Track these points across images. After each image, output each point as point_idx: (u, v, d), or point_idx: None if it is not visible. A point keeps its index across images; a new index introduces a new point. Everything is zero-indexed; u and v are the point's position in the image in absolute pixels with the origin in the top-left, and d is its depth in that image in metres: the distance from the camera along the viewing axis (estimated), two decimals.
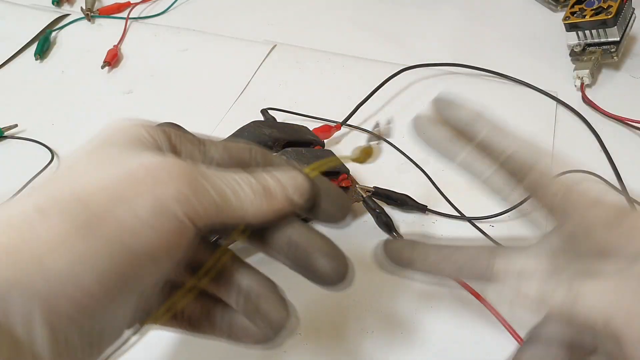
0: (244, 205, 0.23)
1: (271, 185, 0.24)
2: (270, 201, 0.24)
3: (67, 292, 0.19)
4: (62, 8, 0.70)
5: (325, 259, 0.25)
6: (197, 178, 0.22)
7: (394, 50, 0.61)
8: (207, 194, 0.22)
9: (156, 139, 0.23)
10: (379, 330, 0.38)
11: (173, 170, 0.21)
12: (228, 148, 0.26)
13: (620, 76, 0.56)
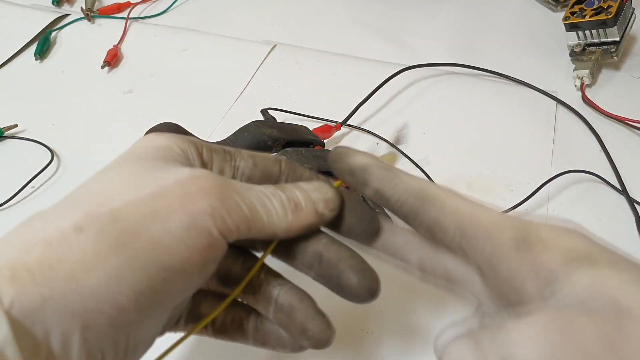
0: (274, 221, 0.23)
1: (300, 200, 0.24)
2: (299, 216, 0.24)
3: (101, 308, 0.19)
4: (62, 8, 0.70)
5: (356, 276, 0.25)
6: (229, 192, 0.22)
7: (394, 50, 0.61)
8: (238, 208, 0.22)
9: (186, 153, 0.24)
10: (379, 330, 0.38)
11: (205, 184, 0.22)
12: (256, 161, 0.26)
13: (620, 76, 0.56)
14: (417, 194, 0.24)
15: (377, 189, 0.25)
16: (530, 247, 0.21)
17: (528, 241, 0.21)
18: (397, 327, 0.38)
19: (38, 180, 0.48)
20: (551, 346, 0.19)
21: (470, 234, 0.22)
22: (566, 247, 0.21)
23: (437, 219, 0.23)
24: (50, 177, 0.49)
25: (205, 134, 0.51)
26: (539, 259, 0.21)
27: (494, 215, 0.22)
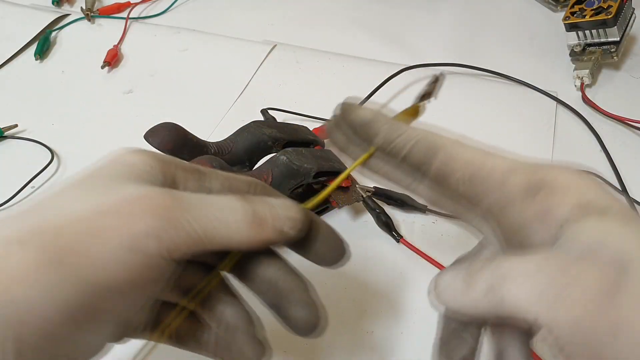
0: (230, 232, 0.22)
1: (262, 213, 0.23)
2: (259, 229, 0.23)
3: (35, 322, 0.19)
4: (62, 8, 0.70)
5: (303, 311, 0.24)
6: (178, 210, 0.21)
7: (394, 50, 0.61)
8: (188, 227, 0.21)
9: (153, 171, 0.23)
10: (379, 330, 0.38)
11: (152, 203, 0.21)
12: (231, 183, 0.25)
13: (620, 76, 0.56)
14: (425, 143, 0.23)
15: (385, 140, 0.24)
16: (539, 192, 0.20)
17: (539, 186, 0.20)
18: (398, 327, 0.38)
19: (38, 180, 0.48)
20: (545, 284, 0.18)
21: (478, 180, 0.22)
22: (577, 194, 0.20)
23: (446, 166, 0.22)
24: (50, 177, 0.49)
25: (205, 134, 0.51)
26: (548, 205, 0.20)
27: (503, 161, 0.22)
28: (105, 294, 0.20)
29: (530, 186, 0.21)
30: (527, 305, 0.18)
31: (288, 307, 0.24)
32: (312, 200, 0.26)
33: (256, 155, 0.42)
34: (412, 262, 0.41)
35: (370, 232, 0.43)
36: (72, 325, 0.20)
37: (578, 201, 0.20)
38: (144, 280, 0.21)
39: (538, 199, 0.20)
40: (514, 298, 0.19)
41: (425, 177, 0.23)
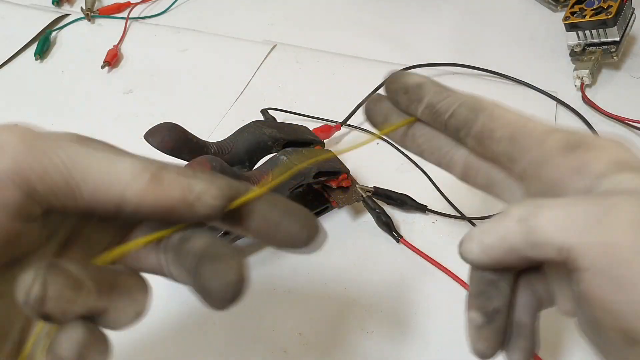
0: (116, 184, 0.19)
1: (167, 175, 0.19)
2: (159, 187, 0.19)
3: None
4: (62, 8, 0.70)
5: (213, 267, 0.19)
6: (41, 137, 0.19)
7: (394, 50, 0.61)
8: (48, 156, 0.18)
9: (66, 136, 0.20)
10: (379, 330, 0.38)
11: (6, 126, 0.18)
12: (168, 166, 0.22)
13: (620, 76, 0.56)
14: (469, 104, 0.24)
15: (430, 102, 0.25)
16: (578, 149, 0.21)
17: (577, 144, 0.21)
18: (398, 327, 0.38)
19: None
20: (578, 212, 0.19)
21: (519, 139, 0.22)
22: (614, 153, 0.21)
23: (488, 125, 0.23)
24: None
25: (205, 134, 0.51)
26: (585, 159, 0.21)
27: (543, 124, 0.23)
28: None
29: (569, 144, 0.21)
30: (558, 233, 0.19)
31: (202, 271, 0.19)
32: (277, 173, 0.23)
33: (256, 155, 0.42)
34: (412, 262, 0.41)
35: (370, 232, 0.43)
36: None
37: (615, 158, 0.20)
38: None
39: (576, 155, 0.21)
40: (546, 226, 0.19)
41: (467, 136, 0.24)
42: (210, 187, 0.20)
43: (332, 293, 0.40)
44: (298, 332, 0.38)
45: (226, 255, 0.19)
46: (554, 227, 0.19)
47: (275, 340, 0.38)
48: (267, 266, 0.42)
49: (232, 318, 0.39)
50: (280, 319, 0.39)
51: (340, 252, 0.42)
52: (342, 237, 0.43)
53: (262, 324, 0.38)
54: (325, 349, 0.37)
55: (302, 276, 0.41)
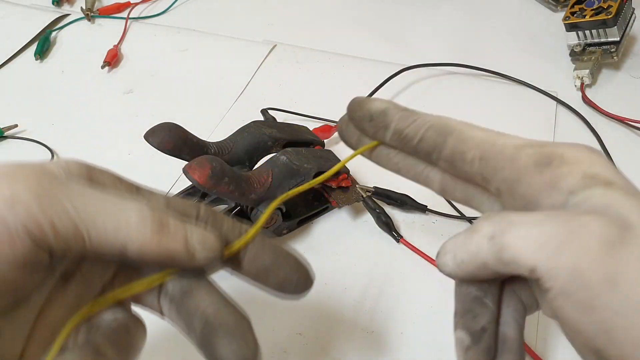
0: (122, 232, 0.19)
1: (170, 224, 0.20)
2: (165, 239, 0.20)
3: None
4: (62, 8, 0.70)
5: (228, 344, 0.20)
6: (53, 186, 0.19)
7: (394, 50, 0.61)
8: (64, 207, 0.19)
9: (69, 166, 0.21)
10: (379, 330, 0.38)
11: (17, 172, 0.19)
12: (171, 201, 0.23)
13: (620, 76, 0.56)
14: (436, 128, 0.24)
15: (397, 128, 0.24)
16: (550, 164, 0.21)
17: (548, 158, 0.21)
18: (398, 327, 0.38)
19: None
20: (547, 233, 0.19)
21: (490, 157, 0.22)
22: (585, 166, 0.21)
23: (458, 148, 0.23)
24: None
25: (205, 134, 0.51)
26: (558, 175, 0.21)
27: (513, 139, 0.22)
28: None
29: (540, 159, 0.21)
30: (527, 254, 0.19)
31: (216, 343, 0.20)
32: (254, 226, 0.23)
33: (256, 155, 0.42)
34: (412, 262, 0.41)
35: (370, 232, 0.43)
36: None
37: (586, 172, 0.20)
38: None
39: (548, 170, 0.21)
40: (515, 245, 0.19)
41: (438, 159, 0.24)
42: (209, 237, 0.21)
43: (332, 293, 0.40)
44: (298, 332, 0.38)
45: (238, 328, 0.20)
46: (523, 247, 0.19)
47: (275, 340, 0.38)
48: None
49: None
50: (280, 319, 0.39)
51: (340, 252, 0.42)
52: (342, 237, 0.43)
53: (262, 324, 0.38)
54: (325, 349, 0.37)
55: None
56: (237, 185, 0.36)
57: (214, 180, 0.35)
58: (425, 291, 0.40)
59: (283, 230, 0.43)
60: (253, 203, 0.38)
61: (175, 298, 0.22)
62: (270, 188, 0.38)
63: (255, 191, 0.37)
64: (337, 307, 0.39)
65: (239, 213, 0.40)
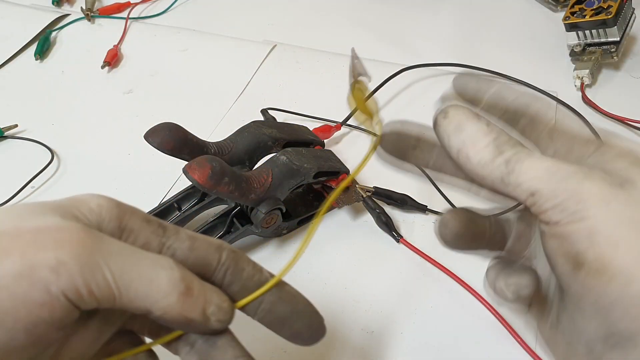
0: (152, 295, 0.21)
1: (194, 285, 0.22)
2: (187, 302, 0.21)
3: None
4: (62, 8, 0.70)
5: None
6: (93, 252, 0.19)
7: (394, 50, 0.61)
8: (99, 270, 0.19)
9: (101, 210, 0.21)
10: (379, 330, 0.38)
11: (64, 236, 0.19)
12: (195, 245, 0.23)
13: (620, 76, 0.56)
14: (531, 95, 0.25)
15: (496, 93, 0.25)
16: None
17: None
18: (398, 327, 0.38)
19: (38, 180, 0.48)
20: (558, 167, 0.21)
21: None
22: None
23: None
24: (50, 177, 0.49)
25: (205, 134, 0.51)
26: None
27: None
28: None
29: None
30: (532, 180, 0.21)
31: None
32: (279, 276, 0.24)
33: (256, 155, 0.42)
34: (412, 262, 0.41)
35: (370, 232, 0.43)
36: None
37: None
38: (35, 320, 0.19)
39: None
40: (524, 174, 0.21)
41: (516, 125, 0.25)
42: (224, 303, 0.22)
43: (332, 293, 0.40)
44: None
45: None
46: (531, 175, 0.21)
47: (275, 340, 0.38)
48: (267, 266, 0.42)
49: None
50: None
51: (340, 252, 0.42)
52: (342, 237, 0.43)
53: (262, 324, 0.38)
54: (325, 349, 0.37)
55: (302, 276, 0.41)
56: (237, 185, 0.36)
57: (214, 180, 0.35)
58: (425, 291, 0.40)
59: (283, 230, 0.43)
60: (253, 203, 0.38)
61: (198, 345, 0.23)
62: (270, 188, 0.38)
63: (255, 191, 0.37)
64: (337, 307, 0.39)
65: (239, 213, 0.40)
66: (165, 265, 0.21)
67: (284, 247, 0.43)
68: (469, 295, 0.39)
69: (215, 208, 0.42)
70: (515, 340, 0.36)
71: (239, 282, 0.24)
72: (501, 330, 0.37)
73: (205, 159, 0.35)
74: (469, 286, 0.39)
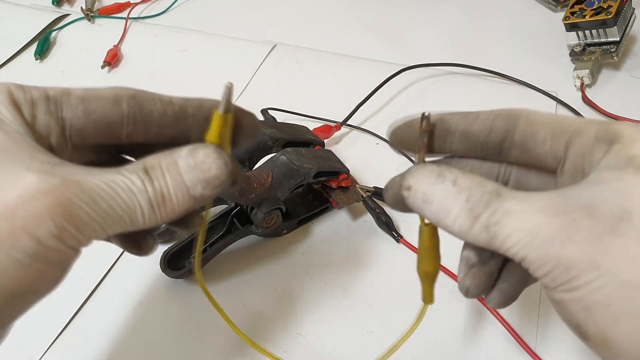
0: (138, 218, 0.22)
1: (170, 191, 0.22)
2: (169, 210, 0.22)
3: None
4: (62, 8, 0.70)
5: None
6: (74, 203, 0.20)
7: (394, 50, 0.61)
8: (86, 217, 0.20)
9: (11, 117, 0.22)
10: (379, 330, 0.38)
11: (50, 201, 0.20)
12: (89, 107, 0.23)
13: (620, 76, 0.56)
14: (503, 115, 0.24)
15: (463, 130, 0.24)
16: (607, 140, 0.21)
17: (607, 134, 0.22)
18: (398, 327, 0.38)
19: None
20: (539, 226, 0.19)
21: (561, 133, 0.23)
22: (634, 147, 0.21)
23: (529, 129, 0.23)
24: None
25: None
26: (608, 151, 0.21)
27: (576, 118, 0.23)
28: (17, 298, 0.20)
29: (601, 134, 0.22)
30: (517, 246, 0.20)
31: None
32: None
33: (256, 155, 0.42)
34: (412, 262, 0.41)
35: (370, 232, 0.43)
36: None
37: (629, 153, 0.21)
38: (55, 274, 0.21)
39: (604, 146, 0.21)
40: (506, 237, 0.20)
41: (510, 147, 0.24)
42: (210, 166, 0.22)
43: (332, 293, 0.40)
44: (298, 332, 0.38)
45: None
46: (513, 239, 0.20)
47: (275, 340, 0.38)
48: (267, 266, 0.42)
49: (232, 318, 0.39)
50: (280, 319, 0.39)
51: (340, 252, 0.42)
52: (342, 237, 0.43)
53: (262, 324, 0.38)
54: (325, 349, 0.37)
55: (302, 276, 0.41)
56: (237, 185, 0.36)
57: None
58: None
59: (283, 230, 0.43)
60: (253, 203, 0.38)
61: None
62: (270, 188, 0.38)
63: (255, 191, 0.37)
64: (337, 307, 0.39)
65: (239, 213, 0.40)
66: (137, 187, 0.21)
67: (284, 247, 0.43)
68: None
69: (215, 208, 0.42)
70: (515, 340, 0.36)
71: (154, 126, 0.24)
72: (501, 330, 0.37)
73: None
74: None
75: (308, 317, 0.39)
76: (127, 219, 0.21)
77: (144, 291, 0.40)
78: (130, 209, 0.21)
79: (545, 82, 0.55)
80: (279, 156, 0.40)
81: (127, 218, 0.21)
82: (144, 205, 0.21)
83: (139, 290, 0.40)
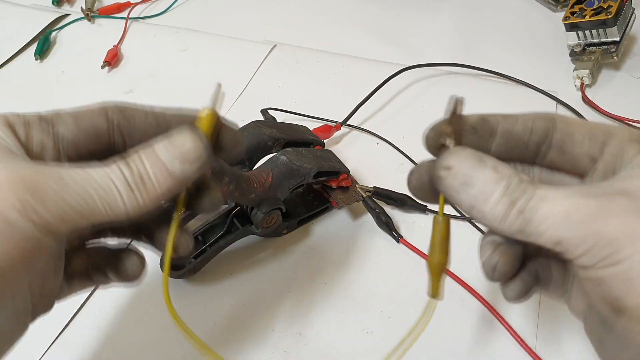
0: (119, 205, 0.22)
1: (148, 171, 0.22)
2: (150, 191, 0.22)
3: None
4: (62, 8, 0.70)
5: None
6: (45, 182, 0.20)
7: (394, 50, 0.61)
8: (58, 199, 0.20)
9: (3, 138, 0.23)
10: (378, 330, 0.38)
11: (13, 176, 0.20)
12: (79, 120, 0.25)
13: (620, 76, 0.56)
14: (542, 117, 0.24)
15: (504, 129, 0.25)
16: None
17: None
18: (398, 327, 0.38)
19: None
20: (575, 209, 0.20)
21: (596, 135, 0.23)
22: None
23: (567, 130, 0.24)
24: None
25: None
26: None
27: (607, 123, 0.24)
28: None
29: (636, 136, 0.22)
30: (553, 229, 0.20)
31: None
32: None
33: (256, 155, 0.42)
34: (412, 262, 0.41)
35: (370, 232, 0.43)
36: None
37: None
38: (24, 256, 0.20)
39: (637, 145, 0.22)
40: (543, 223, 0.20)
41: (549, 147, 0.24)
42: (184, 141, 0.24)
43: (332, 293, 0.40)
44: (298, 332, 0.38)
45: None
46: (550, 223, 0.20)
47: (275, 340, 0.38)
48: (267, 266, 0.42)
49: (231, 318, 0.39)
50: (280, 319, 0.39)
51: (340, 252, 0.42)
52: (342, 237, 0.43)
53: (262, 324, 0.38)
54: (325, 349, 0.37)
55: (302, 276, 0.41)
56: (237, 185, 0.36)
57: (214, 179, 0.35)
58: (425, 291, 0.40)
59: (283, 230, 0.43)
60: (253, 203, 0.38)
61: None
62: (270, 188, 0.38)
63: (255, 191, 0.37)
64: (337, 307, 0.39)
65: (239, 213, 0.40)
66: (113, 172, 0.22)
67: (284, 247, 0.43)
68: (470, 295, 0.39)
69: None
70: (516, 341, 0.36)
71: (137, 132, 0.25)
72: (501, 330, 0.37)
73: None
74: (469, 286, 0.39)
75: (308, 317, 0.39)
76: (103, 202, 0.21)
77: (144, 291, 0.40)
78: (105, 190, 0.21)
79: (545, 82, 0.55)
80: (279, 156, 0.40)
81: (103, 201, 0.21)
82: (120, 187, 0.22)
83: (139, 290, 0.40)
